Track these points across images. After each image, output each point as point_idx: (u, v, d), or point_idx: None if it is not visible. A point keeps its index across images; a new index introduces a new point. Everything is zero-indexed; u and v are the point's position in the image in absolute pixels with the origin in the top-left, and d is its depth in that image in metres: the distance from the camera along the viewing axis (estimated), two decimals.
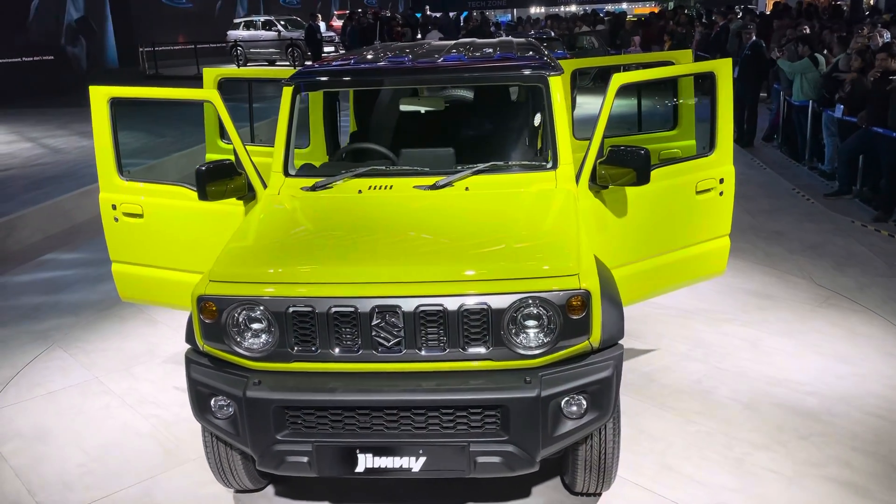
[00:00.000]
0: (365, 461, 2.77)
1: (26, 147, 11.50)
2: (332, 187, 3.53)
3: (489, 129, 4.47)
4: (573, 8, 36.67)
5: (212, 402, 2.87)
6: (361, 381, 2.79)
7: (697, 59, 9.79)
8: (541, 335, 2.72)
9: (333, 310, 2.72)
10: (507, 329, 2.70)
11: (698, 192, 3.89)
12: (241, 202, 3.65)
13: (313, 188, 3.54)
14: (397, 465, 2.77)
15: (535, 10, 36.84)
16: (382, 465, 2.77)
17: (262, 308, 2.77)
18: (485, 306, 2.68)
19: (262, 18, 24.55)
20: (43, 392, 4.43)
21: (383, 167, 3.68)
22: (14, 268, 6.60)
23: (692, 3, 24.65)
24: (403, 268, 2.81)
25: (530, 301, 2.68)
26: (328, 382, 2.79)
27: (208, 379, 2.88)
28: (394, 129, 4.69)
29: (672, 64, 4.62)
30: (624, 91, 3.56)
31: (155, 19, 24.62)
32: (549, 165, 3.53)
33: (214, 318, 2.81)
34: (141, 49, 22.18)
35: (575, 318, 2.68)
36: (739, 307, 5.27)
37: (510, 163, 3.71)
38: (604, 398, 2.78)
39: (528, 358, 2.74)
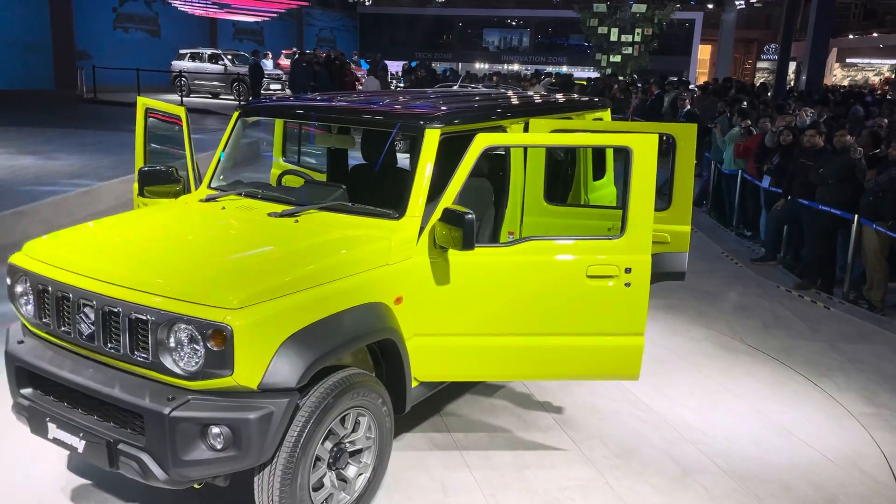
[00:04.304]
0: (52, 430, 3.07)
1: None
2: (217, 201, 3.97)
3: (392, 172, 4.59)
4: (516, 67, 37.83)
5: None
6: (67, 360, 3.12)
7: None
8: (188, 358, 2.84)
9: (59, 293, 3.09)
10: (161, 344, 2.85)
11: (590, 277, 3.59)
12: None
13: (205, 199, 3.99)
14: (69, 442, 3.02)
15: (479, 66, 37.83)
16: (61, 439, 3.05)
17: (28, 281, 3.23)
18: (146, 318, 2.86)
19: (209, 51, 24.36)
20: None
21: (260, 191, 4.03)
22: None
23: (628, 71, 25.74)
24: (118, 269, 3.06)
25: (177, 322, 2.82)
26: (48, 353, 3.18)
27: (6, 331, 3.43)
28: (329, 164, 5.21)
29: (670, 137, 4.41)
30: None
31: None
32: (395, 215, 3.57)
33: (11, 282, 3.33)
34: (80, 71, 21.69)
35: (215, 349, 2.76)
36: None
37: (357, 205, 3.76)
38: (246, 439, 2.78)
39: (180, 377, 2.85)
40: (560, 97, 5.70)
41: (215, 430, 2.79)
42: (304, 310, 2.98)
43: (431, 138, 3.67)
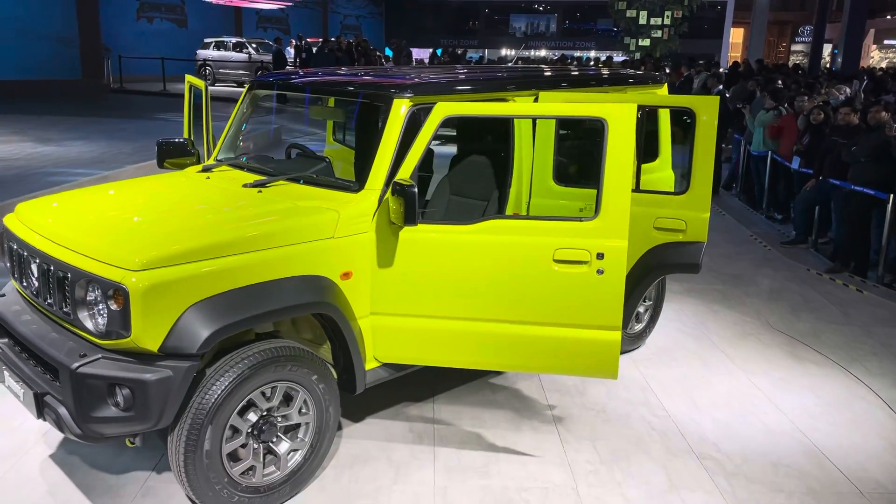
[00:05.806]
0: (7, 378, 3.19)
1: None
2: (210, 171, 4.05)
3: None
4: (542, 52, 37.40)
5: None
6: (25, 313, 3.25)
7: None
8: (99, 316, 2.88)
9: (20, 251, 3.26)
10: (79, 301, 2.91)
11: (558, 261, 3.32)
12: None
13: (202, 170, 4.09)
14: (15, 390, 3.13)
15: (504, 52, 37.49)
16: (11, 387, 3.17)
17: (7, 239, 3.41)
18: (67, 274, 2.93)
19: (234, 40, 24.39)
20: None
21: (247, 162, 4.11)
22: None
23: (657, 55, 25.18)
24: (63, 230, 3.15)
25: (90, 280, 2.87)
26: (15, 306, 3.32)
27: None
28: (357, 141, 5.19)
29: (690, 112, 4.07)
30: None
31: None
32: (355, 187, 3.46)
33: (2, 241, 3.51)
34: (107, 61, 21.83)
35: (115, 309, 2.79)
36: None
37: (322, 177, 3.73)
38: (142, 401, 2.79)
39: (94, 335, 2.89)
40: (605, 71, 5.34)
41: (118, 388, 2.81)
42: (219, 277, 2.93)
43: (398, 109, 3.50)
